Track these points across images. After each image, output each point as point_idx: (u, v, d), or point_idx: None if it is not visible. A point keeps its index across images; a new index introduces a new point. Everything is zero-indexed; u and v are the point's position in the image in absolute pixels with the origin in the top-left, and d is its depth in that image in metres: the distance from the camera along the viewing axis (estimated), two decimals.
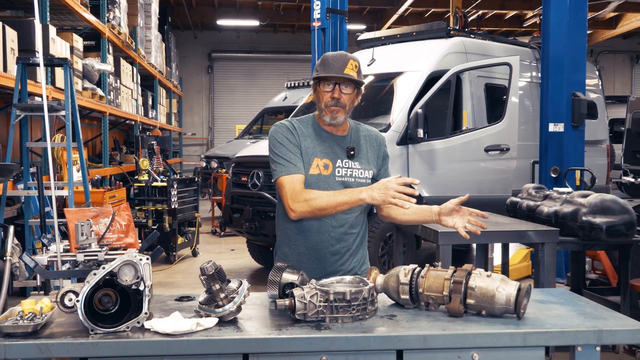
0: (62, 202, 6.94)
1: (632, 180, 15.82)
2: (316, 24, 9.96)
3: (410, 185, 2.66)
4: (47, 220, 5.43)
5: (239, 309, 2.35)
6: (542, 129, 7.82)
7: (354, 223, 2.93)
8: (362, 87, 2.94)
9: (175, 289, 7.39)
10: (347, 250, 2.93)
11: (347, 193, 2.75)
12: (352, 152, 2.92)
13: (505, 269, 5.91)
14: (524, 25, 20.32)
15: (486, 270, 2.95)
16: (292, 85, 14.59)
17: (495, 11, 19.27)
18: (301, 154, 2.87)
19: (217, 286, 2.34)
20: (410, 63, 7.91)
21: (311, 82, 2.93)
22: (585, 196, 4.94)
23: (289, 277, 2.59)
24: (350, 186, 2.88)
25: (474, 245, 8.44)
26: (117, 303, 2.26)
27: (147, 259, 2.30)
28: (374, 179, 2.97)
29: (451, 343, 2.24)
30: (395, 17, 18.25)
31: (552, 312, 2.51)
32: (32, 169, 6.24)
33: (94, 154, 12.13)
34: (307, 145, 2.89)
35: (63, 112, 6.09)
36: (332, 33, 9.91)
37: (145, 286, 2.25)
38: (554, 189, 5.65)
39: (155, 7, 13.85)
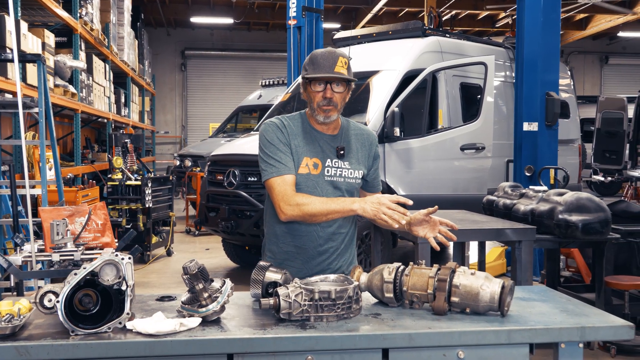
0: (34, 201, 6.82)
1: (602, 179, 16.07)
2: (292, 22, 9.94)
3: (403, 205, 2.66)
4: (20, 219, 5.33)
5: (222, 308, 2.33)
6: (516, 128, 7.88)
7: (343, 223, 2.92)
8: (353, 84, 2.91)
9: (150, 288, 7.32)
10: (335, 250, 2.92)
11: (339, 202, 2.73)
12: (342, 152, 2.89)
13: (482, 267, 5.94)
14: (497, 26, 20.53)
15: None
16: (267, 83, 14.56)
17: (469, 11, 19.41)
18: (291, 152, 2.83)
19: (200, 285, 2.30)
20: (386, 62, 7.92)
21: (300, 81, 2.88)
22: (561, 194, 4.99)
23: (272, 276, 2.57)
24: (339, 186, 2.87)
25: (451, 244, 8.49)
26: (98, 303, 2.22)
27: (129, 258, 2.26)
28: (364, 179, 2.97)
29: (437, 341, 2.24)
30: (369, 16, 18.30)
31: (535, 309, 2.52)
32: (4, 167, 6.12)
33: (66, 153, 11.94)
34: (297, 144, 2.86)
35: (36, 109, 5.98)
36: (307, 31, 9.89)
37: (127, 286, 2.21)
38: (530, 187, 5.70)
39: (127, 4, 13.70)
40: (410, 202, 2.66)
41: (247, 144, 7.90)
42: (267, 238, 3.00)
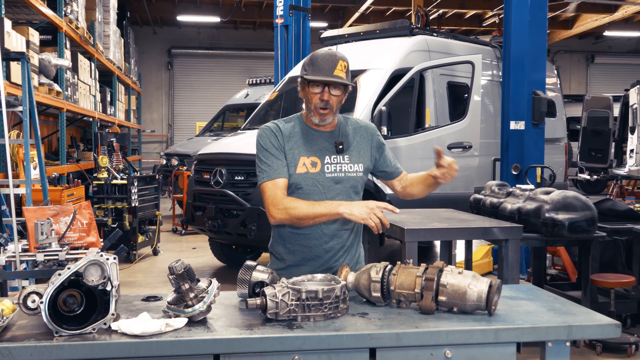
0: (18, 201, 6.76)
1: (588, 177, 16.17)
2: (279, 21, 9.91)
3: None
4: (3, 219, 5.28)
5: (209, 308, 2.31)
6: (503, 127, 7.91)
7: (347, 219, 2.89)
8: (350, 88, 2.91)
9: (137, 288, 7.27)
10: (342, 247, 2.93)
11: (325, 205, 2.74)
12: (340, 147, 2.91)
13: (468, 265, 5.96)
14: (483, 25, 20.58)
15: None
16: (254, 82, 14.53)
17: (456, 10, 19.46)
18: (285, 155, 2.86)
19: (187, 286, 2.28)
20: (373, 60, 7.92)
21: (299, 80, 2.88)
22: (547, 193, 5.01)
23: (259, 275, 2.56)
24: (341, 181, 2.90)
25: (437, 242, 8.51)
26: (82, 304, 2.19)
27: (114, 258, 2.24)
28: (371, 171, 3.03)
29: (424, 340, 2.23)
30: (357, 15, 18.30)
31: (522, 308, 2.52)
32: None
33: (51, 152, 11.84)
34: (293, 145, 2.88)
35: (20, 108, 5.93)
36: (295, 30, 9.87)
37: (112, 286, 2.19)
38: (517, 186, 5.72)
39: (113, 2, 13.61)
40: (397, 211, 2.68)
41: (233, 143, 7.87)
42: (273, 240, 3.02)
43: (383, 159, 3.05)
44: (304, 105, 2.93)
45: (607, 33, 22.32)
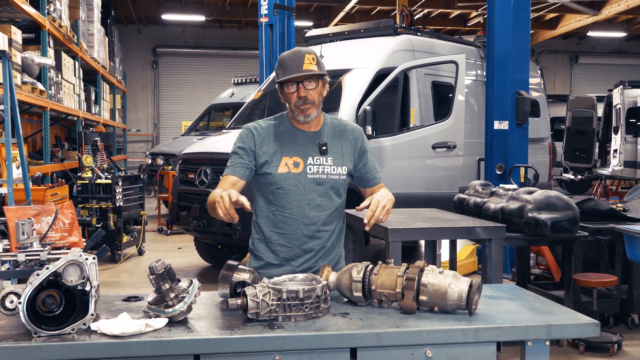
0: (0, 200, 6.71)
1: (572, 177, 16.28)
2: (264, 20, 9.89)
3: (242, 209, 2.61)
4: None
5: (189, 308, 2.30)
6: (487, 127, 7.94)
7: (327, 220, 2.92)
8: (327, 77, 2.91)
9: (121, 288, 7.24)
10: (322, 248, 2.93)
11: (214, 195, 2.70)
12: (324, 148, 2.91)
13: (453, 265, 5.98)
14: (468, 25, 20.65)
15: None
16: (239, 81, 14.49)
17: (440, 10, 19.52)
18: (256, 156, 2.88)
19: (167, 285, 2.28)
20: (358, 60, 7.93)
21: (276, 86, 2.90)
22: (530, 193, 5.03)
23: (240, 275, 2.55)
24: (323, 183, 2.89)
25: (422, 242, 8.53)
26: (61, 304, 2.18)
27: (94, 258, 2.23)
28: (352, 175, 2.99)
29: (405, 340, 2.23)
30: (342, 14, 18.31)
31: (502, 307, 2.53)
32: None
33: (35, 151, 11.76)
34: (274, 146, 2.89)
35: (1, 107, 5.88)
36: (279, 29, 9.85)
37: (91, 287, 2.18)
38: (500, 185, 5.74)
39: (97, 0, 13.53)
40: (247, 204, 2.58)
41: (219, 142, 7.86)
42: (253, 238, 3.02)
43: (364, 164, 3.03)
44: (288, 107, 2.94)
45: (590, 33, 22.47)
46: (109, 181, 8.44)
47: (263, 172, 2.90)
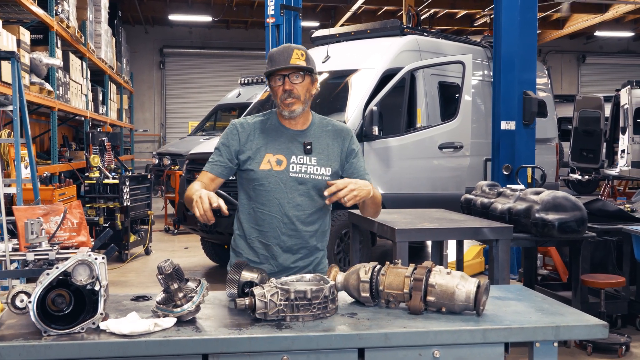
0: (9, 200, 6.74)
1: (579, 177, 16.24)
2: (270, 20, 9.88)
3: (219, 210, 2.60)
4: None
5: (197, 308, 2.31)
6: (494, 127, 7.93)
7: (307, 221, 2.88)
8: (316, 74, 2.89)
9: (128, 288, 7.26)
10: (302, 248, 2.89)
11: (192, 190, 2.75)
12: (308, 147, 2.87)
13: (459, 266, 5.97)
14: (475, 25, 20.62)
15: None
16: (246, 81, 14.49)
17: (447, 10, 19.50)
18: (239, 153, 2.88)
19: (175, 285, 2.28)
20: (364, 60, 7.92)
21: (265, 81, 2.91)
22: (537, 193, 5.02)
23: (248, 275, 2.55)
24: (305, 183, 2.85)
25: (429, 242, 8.53)
26: (71, 304, 2.19)
27: (103, 258, 2.24)
28: (341, 175, 2.93)
29: (412, 341, 2.23)
30: (348, 14, 18.29)
31: (510, 308, 2.53)
32: None
33: (43, 151, 11.80)
34: (259, 142, 2.87)
35: (10, 107, 5.90)
36: (286, 30, 9.84)
37: (100, 286, 2.19)
38: (507, 186, 5.73)
39: (105, 1, 13.57)
40: (225, 208, 2.58)
41: None
42: (235, 234, 3.01)
43: (350, 165, 2.95)
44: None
45: (598, 33, 22.41)
46: (117, 181, 8.47)
47: (246, 168, 2.88)
